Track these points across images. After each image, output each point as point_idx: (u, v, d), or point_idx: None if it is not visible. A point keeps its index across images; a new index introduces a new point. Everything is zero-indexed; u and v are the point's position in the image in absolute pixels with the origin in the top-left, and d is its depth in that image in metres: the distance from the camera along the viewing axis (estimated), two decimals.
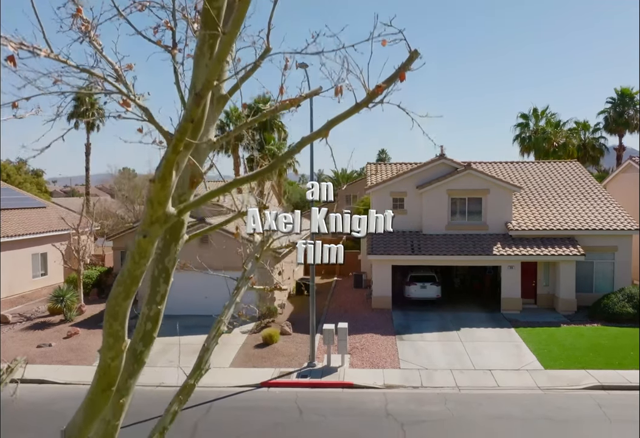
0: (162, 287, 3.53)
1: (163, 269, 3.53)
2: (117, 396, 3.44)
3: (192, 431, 14.19)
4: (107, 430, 3.48)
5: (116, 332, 3.17)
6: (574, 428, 14.18)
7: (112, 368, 3.24)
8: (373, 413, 15.31)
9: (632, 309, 22.84)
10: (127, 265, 3.04)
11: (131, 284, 3.07)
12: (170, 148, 2.60)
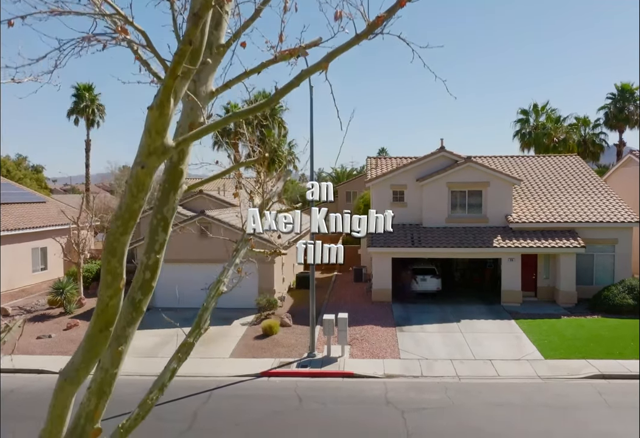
0: (161, 236, 3.50)
1: (162, 218, 3.51)
2: (115, 344, 3.42)
3: (192, 419, 14.17)
4: (105, 378, 3.45)
5: (114, 269, 3.14)
6: (574, 414, 14.15)
7: (110, 307, 3.21)
8: (373, 401, 15.29)
9: (632, 301, 22.82)
10: (125, 199, 3.01)
11: (129, 219, 3.04)
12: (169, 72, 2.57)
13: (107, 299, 3.20)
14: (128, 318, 3.44)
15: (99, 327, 3.21)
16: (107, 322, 3.21)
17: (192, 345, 4.37)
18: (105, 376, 3.45)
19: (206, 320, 4.53)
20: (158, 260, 3.51)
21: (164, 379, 4.20)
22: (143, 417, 4.11)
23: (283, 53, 3.62)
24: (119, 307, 3.26)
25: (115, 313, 3.25)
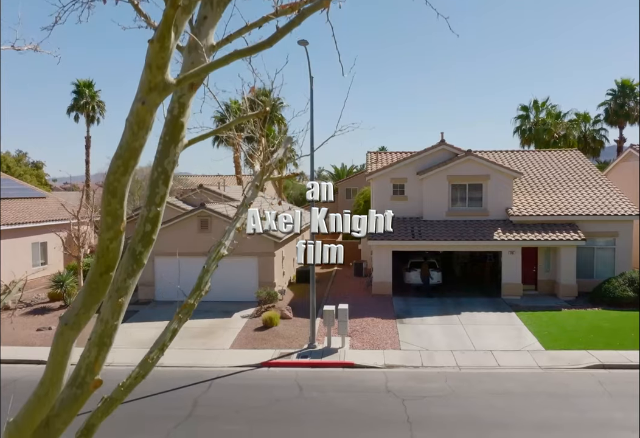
0: (162, 189, 3.48)
1: (162, 171, 3.49)
2: (115, 295, 3.40)
3: (192, 407, 14.16)
4: (105, 330, 3.43)
5: (115, 211, 3.11)
6: (575, 403, 14.14)
7: (110, 250, 3.19)
8: (373, 389, 15.28)
9: (632, 293, 22.80)
10: (126, 137, 2.98)
11: (129, 158, 3.02)
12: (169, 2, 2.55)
13: (107, 242, 3.18)
14: (128, 270, 3.43)
15: (100, 271, 3.19)
16: (108, 266, 3.19)
17: (193, 307, 4.35)
18: (105, 328, 3.43)
19: (207, 283, 4.51)
20: (159, 213, 3.49)
21: (165, 339, 4.19)
22: (143, 376, 4.09)
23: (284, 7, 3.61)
24: (119, 251, 3.25)
25: (115, 257, 3.23)
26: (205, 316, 23.13)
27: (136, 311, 24.05)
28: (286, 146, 5.54)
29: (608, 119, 46.78)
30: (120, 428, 12.99)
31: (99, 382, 3.50)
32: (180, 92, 3.49)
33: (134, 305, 25.07)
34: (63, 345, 3.31)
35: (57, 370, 3.33)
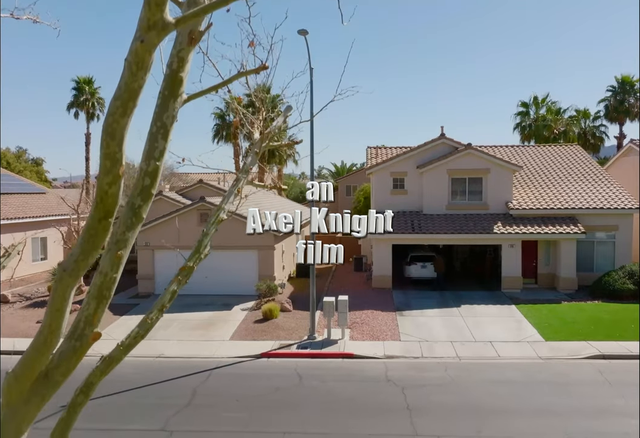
0: (161, 143, 3.47)
1: (162, 126, 3.47)
2: (115, 248, 3.38)
3: (191, 396, 14.14)
4: (104, 282, 3.42)
5: (113, 154, 3.09)
6: (575, 391, 14.14)
7: (109, 195, 3.17)
8: (373, 379, 15.28)
9: (632, 286, 22.78)
10: (124, 77, 2.96)
11: (128, 99, 3.00)
12: None
13: (106, 187, 3.16)
14: (127, 223, 3.41)
15: (98, 217, 3.17)
16: (107, 212, 3.17)
17: (192, 269, 4.34)
18: (104, 280, 3.42)
19: (206, 246, 4.49)
20: (157, 168, 3.48)
21: (164, 300, 4.17)
22: (142, 336, 4.07)
23: None
24: (118, 196, 3.23)
25: (114, 203, 3.21)
26: (205, 309, 23.15)
27: (136, 304, 24.05)
28: (286, 115, 5.53)
29: (608, 116, 46.75)
30: (119, 416, 13.01)
31: (98, 335, 3.48)
32: (180, 46, 3.48)
33: (133, 299, 25.09)
34: (62, 292, 3.30)
35: (56, 318, 3.32)
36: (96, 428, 12.28)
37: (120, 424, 12.48)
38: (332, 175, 76.78)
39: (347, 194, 54.58)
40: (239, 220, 25.09)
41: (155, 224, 25.24)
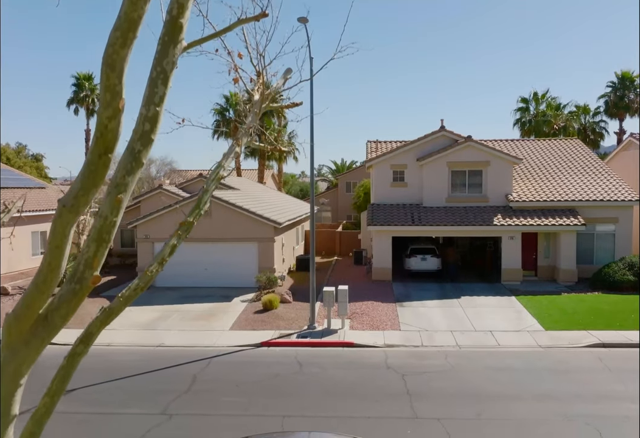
0: (160, 89, 3.46)
1: (161, 71, 3.47)
2: (115, 191, 3.38)
3: (191, 382, 14.13)
4: (104, 225, 3.40)
5: (113, 86, 3.08)
6: (575, 377, 14.13)
7: (109, 130, 3.15)
8: (373, 366, 15.27)
9: (632, 277, 22.77)
10: (124, 7, 2.95)
11: (128, 30, 2.99)
12: None
13: (105, 121, 3.15)
14: (127, 167, 3.40)
15: (98, 152, 3.16)
16: (107, 147, 3.16)
17: (192, 224, 4.33)
18: (104, 223, 3.41)
19: (206, 203, 4.48)
20: (158, 113, 3.47)
21: (164, 254, 4.16)
22: (142, 289, 4.06)
23: None
24: (118, 131, 3.22)
25: (114, 138, 3.20)
26: (205, 300, 23.14)
27: None
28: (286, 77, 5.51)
29: (608, 111, 46.74)
30: (119, 401, 13.00)
31: (98, 278, 3.47)
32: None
33: None
34: (62, 228, 3.29)
35: (56, 256, 3.30)
36: (96, 412, 12.29)
37: (121, 409, 12.47)
38: (332, 172, 76.85)
39: (347, 191, 54.47)
40: (239, 212, 25.13)
41: (155, 216, 25.24)
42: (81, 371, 15.43)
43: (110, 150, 3.17)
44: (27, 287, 21.99)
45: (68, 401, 12.91)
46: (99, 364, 15.82)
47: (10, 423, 3.54)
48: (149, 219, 25.25)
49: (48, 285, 3.37)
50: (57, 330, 3.57)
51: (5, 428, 3.48)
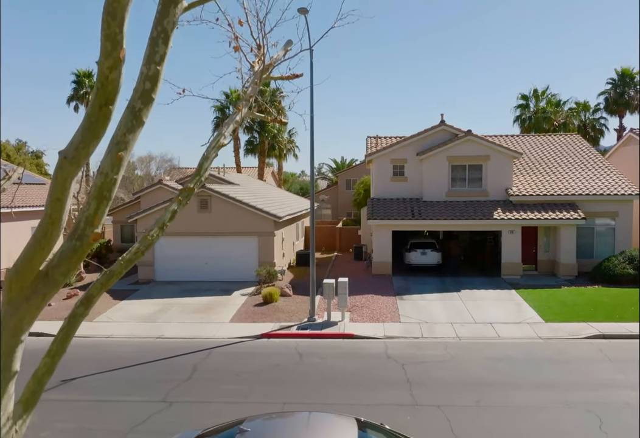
0: (161, 48, 3.48)
1: (162, 30, 3.48)
2: (115, 149, 3.38)
3: (191, 371, 14.14)
4: (105, 183, 3.41)
5: (114, 35, 3.08)
6: (575, 367, 14.13)
7: (110, 81, 3.16)
8: (374, 356, 15.28)
9: (632, 270, 22.77)
10: None
11: None
12: None
13: (106, 71, 3.15)
14: (128, 125, 3.41)
15: (99, 104, 3.16)
16: (107, 99, 3.16)
17: (193, 191, 4.33)
18: (105, 181, 3.41)
19: (206, 170, 4.48)
20: (158, 72, 3.48)
21: (164, 219, 4.16)
22: (142, 253, 4.06)
23: None
24: (119, 82, 3.22)
25: (115, 89, 3.20)
26: (204, 294, 23.14)
27: (136, 290, 24.05)
28: (286, 49, 5.51)
29: (608, 108, 46.73)
30: (120, 389, 13.01)
31: (98, 235, 3.48)
32: None
33: (134, 285, 25.08)
34: (62, 180, 3.29)
35: (57, 208, 3.31)
36: (97, 399, 12.29)
37: (121, 396, 12.48)
38: (332, 170, 76.90)
39: (347, 188, 54.46)
40: (239, 206, 25.13)
41: (154, 211, 25.24)
42: (81, 361, 15.47)
43: (110, 101, 3.17)
44: None
45: (68, 389, 12.95)
46: (99, 355, 15.84)
47: (11, 380, 3.54)
48: (149, 213, 25.26)
49: (49, 239, 3.38)
50: (58, 287, 3.58)
51: (6, 385, 3.49)
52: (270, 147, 51.14)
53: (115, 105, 3.23)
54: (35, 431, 10.65)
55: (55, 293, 3.64)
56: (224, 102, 49.58)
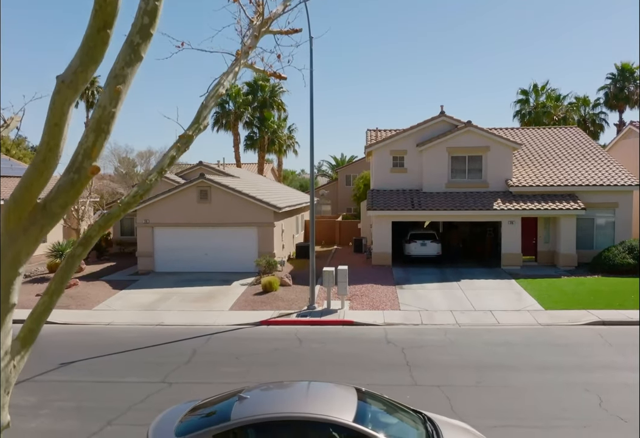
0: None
1: None
2: (114, 82, 3.36)
3: (191, 355, 14.14)
4: (103, 116, 3.40)
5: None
6: (575, 350, 14.13)
7: (108, 3, 3.13)
8: (373, 341, 15.28)
9: (632, 260, 22.75)
10: None
11: None
12: None
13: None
14: (126, 59, 3.39)
15: (97, 27, 3.14)
16: (106, 22, 3.14)
17: (192, 138, 4.31)
18: (103, 113, 3.40)
19: (205, 117, 4.46)
20: (157, 7, 3.46)
21: (163, 164, 4.15)
22: (141, 196, 4.05)
23: None
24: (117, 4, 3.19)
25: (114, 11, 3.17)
26: (204, 284, 23.13)
27: (136, 280, 24.03)
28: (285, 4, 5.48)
29: (608, 103, 46.72)
30: (120, 371, 13.01)
31: (96, 169, 3.47)
32: None
33: (133, 275, 25.06)
34: (60, 105, 3.27)
35: (54, 134, 3.29)
36: (96, 380, 12.29)
37: (121, 378, 12.48)
38: (332, 167, 76.94)
39: (347, 184, 54.38)
40: (239, 197, 25.12)
41: (154, 201, 25.23)
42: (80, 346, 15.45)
43: (109, 24, 3.16)
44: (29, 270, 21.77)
45: (67, 371, 12.96)
46: (100, 340, 15.84)
47: (9, 312, 3.53)
48: (149, 203, 25.23)
49: (47, 165, 3.36)
50: (56, 220, 3.56)
51: (4, 316, 3.48)
52: (270, 142, 51.13)
53: (113, 30, 3.22)
54: (34, 409, 10.66)
55: (53, 227, 3.63)
56: (223, 97, 49.55)
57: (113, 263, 28.50)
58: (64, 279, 3.74)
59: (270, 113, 49.95)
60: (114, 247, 32.08)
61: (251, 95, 49.60)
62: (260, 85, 49.78)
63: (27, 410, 10.62)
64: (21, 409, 10.59)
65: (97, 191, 37.75)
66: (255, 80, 50.12)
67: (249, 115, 49.59)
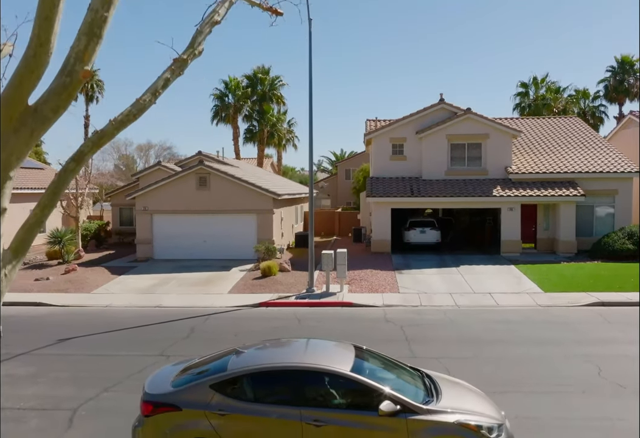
0: None
1: None
2: None
3: (189, 332, 14.10)
4: (95, 19, 3.35)
5: None
6: (575, 327, 14.09)
7: None
8: (373, 320, 15.25)
9: (632, 246, 22.70)
10: None
11: None
12: None
13: None
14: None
15: None
16: None
17: (186, 62, 4.26)
18: (95, 17, 3.35)
19: (200, 43, 4.41)
20: None
21: (157, 86, 4.09)
22: (135, 116, 3.99)
23: None
24: None
25: None
26: (203, 270, 23.08)
27: (134, 266, 23.97)
28: None
29: (608, 96, 46.68)
30: (119, 346, 12.97)
31: (88, 73, 3.42)
32: None
33: (132, 262, 25.00)
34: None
35: (45, 28, 3.21)
36: (94, 354, 12.25)
37: (118, 351, 12.44)
38: (331, 163, 76.94)
39: (347, 178, 54.31)
40: (238, 184, 25.06)
41: (153, 188, 25.17)
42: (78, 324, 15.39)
43: None
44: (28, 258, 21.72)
45: (64, 346, 12.92)
46: (97, 320, 15.82)
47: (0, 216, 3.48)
48: (148, 190, 25.19)
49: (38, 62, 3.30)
50: (48, 124, 3.51)
51: None
52: (270, 136, 51.05)
53: None
54: (32, 378, 10.62)
55: (44, 131, 3.57)
56: (223, 91, 49.52)
57: (112, 251, 28.45)
58: (55, 194, 3.70)
59: (270, 106, 49.91)
60: (113, 237, 32.03)
61: (250, 88, 49.54)
62: (260, 78, 49.74)
63: (24, 379, 10.59)
64: (19, 379, 10.56)
65: (97, 184, 37.75)
66: (254, 73, 50.08)
67: (249, 108, 49.55)
